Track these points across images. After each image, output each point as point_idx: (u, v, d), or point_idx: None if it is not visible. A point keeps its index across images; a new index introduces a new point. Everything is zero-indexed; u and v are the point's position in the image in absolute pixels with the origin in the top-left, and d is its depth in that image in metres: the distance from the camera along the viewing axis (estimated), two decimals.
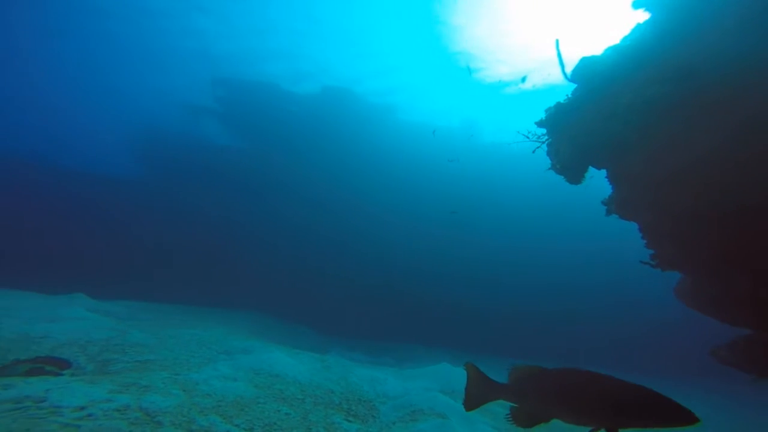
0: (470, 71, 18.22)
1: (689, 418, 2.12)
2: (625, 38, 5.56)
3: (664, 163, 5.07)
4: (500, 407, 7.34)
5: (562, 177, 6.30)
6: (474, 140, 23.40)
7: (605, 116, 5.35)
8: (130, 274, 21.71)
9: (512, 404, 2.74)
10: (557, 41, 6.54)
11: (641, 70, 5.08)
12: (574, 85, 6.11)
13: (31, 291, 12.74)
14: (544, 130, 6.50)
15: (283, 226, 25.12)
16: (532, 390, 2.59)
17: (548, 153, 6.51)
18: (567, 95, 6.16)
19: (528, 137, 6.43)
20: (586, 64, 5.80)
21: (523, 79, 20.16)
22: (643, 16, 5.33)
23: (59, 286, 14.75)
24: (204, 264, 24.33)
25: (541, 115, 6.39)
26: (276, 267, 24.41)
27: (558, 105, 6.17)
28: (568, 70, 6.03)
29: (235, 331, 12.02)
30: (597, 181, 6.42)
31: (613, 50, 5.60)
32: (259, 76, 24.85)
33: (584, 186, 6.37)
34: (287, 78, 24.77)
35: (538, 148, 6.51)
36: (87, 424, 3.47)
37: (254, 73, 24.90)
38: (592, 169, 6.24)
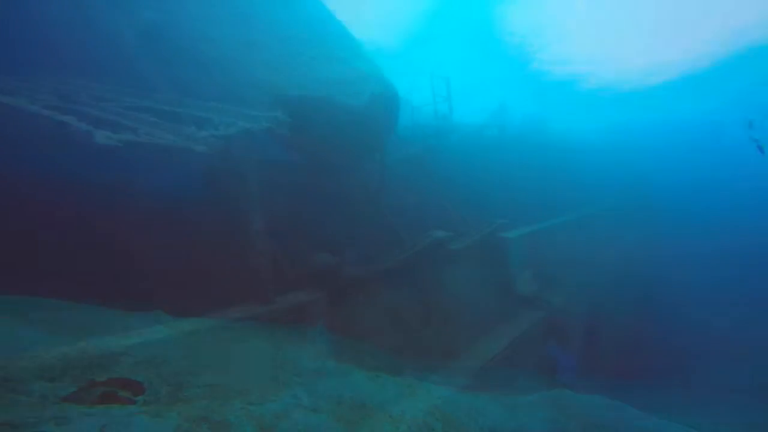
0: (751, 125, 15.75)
1: None
2: None
3: None
4: None
5: None
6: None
7: None
8: (203, 293, 22.55)
9: None
10: None
11: None
12: None
13: (115, 308, 13.32)
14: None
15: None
16: None
17: None
18: None
19: None
20: None
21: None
22: None
23: (141, 303, 15.45)
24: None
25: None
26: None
27: None
28: None
29: (301, 349, 11.34)
30: None
31: None
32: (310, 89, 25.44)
33: None
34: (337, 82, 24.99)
35: None
36: None
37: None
38: None
